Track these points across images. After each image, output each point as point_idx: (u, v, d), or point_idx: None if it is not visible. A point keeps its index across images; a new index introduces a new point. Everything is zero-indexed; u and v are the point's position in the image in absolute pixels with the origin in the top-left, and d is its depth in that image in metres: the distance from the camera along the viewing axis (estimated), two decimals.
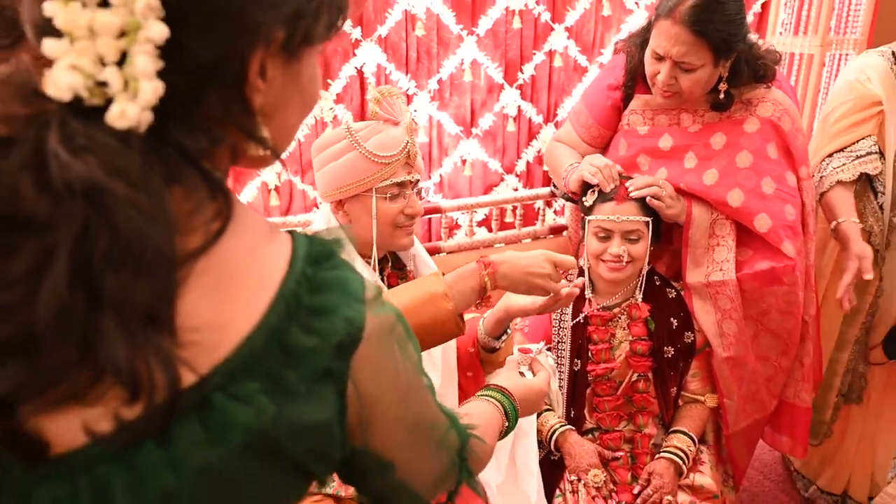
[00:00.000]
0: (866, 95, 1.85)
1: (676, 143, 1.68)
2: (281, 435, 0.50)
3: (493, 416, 0.95)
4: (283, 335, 0.50)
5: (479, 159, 2.49)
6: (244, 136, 0.53)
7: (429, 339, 1.15)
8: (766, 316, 1.66)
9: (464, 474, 0.72)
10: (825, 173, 1.87)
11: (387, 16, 2.21)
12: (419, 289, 1.17)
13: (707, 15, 1.45)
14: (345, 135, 1.36)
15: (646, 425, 1.66)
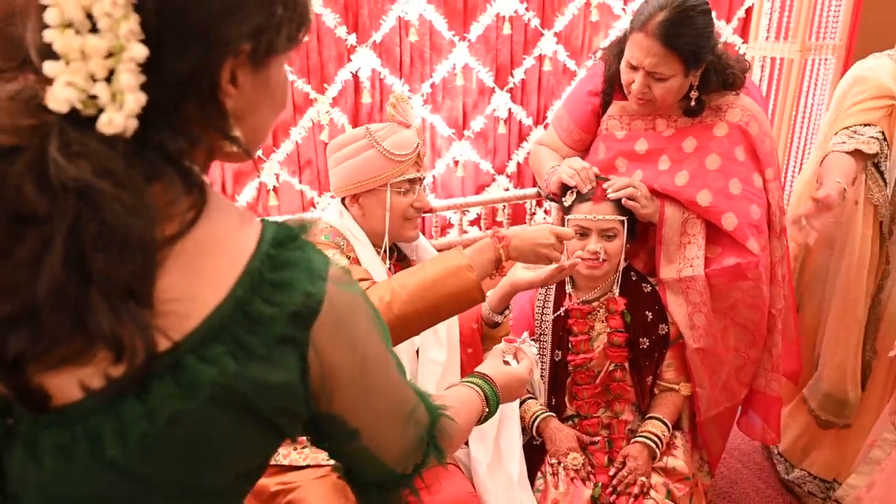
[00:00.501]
0: (882, 87, 1.94)
1: (651, 147, 1.79)
2: (247, 391, 0.58)
3: (471, 400, 1.00)
4: (247, 305, 0.58)
5: (471, 160, 2.60)
6: (219, 136, 0.61)
7: (454, 307, 1.30)
8: (733, 309, 1.77)
9: (432, 449, 0.77)
10: (828, 148, 1.94)
11: (381, 22, 2.32)
12: (444, 263, 1.30)
13: (677, 29, 1.56)
14: (364, 135, 1.54)
15: (622, 412, 1.77)
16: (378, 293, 1.28)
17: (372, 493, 0.76)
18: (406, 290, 1.27)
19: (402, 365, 0.75)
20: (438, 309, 1.28)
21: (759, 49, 2.75)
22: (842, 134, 1.95)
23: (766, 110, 1.82)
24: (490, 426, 1.62)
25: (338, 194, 1.63)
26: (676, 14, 1.56)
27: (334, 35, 2.27)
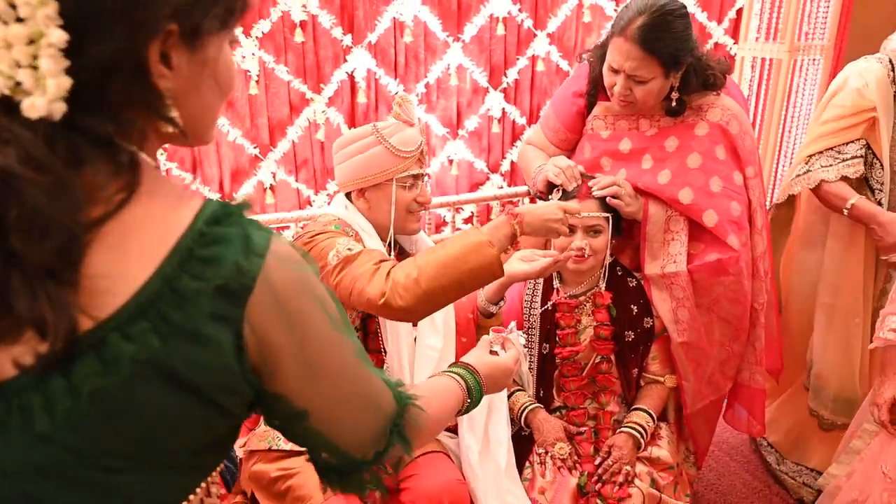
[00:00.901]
0: (860, 105, 2.02)
1: (635, 146, 1.85)
2: (177, 367, 0.59)
3: (449, 390, 0.99)
4: (174, 281, 0.58)
5: (466, 159, 2.66)
6: (156, 118, 0.62)
7: (476, 281, 1.39)
8: (716, 304, 1.83)
9: (396, 438, 0.76)
10: (812, 168, 2.05)
11: (376, 23, 2.38)
12: (465, 240, 1.40)
13: (655, 34, 1.62)
14: (371, 132, 1.62)
15: (608, 403, 1.83)
16: (405, 270, 1.37)
17: (332, 476, 0.76)
18: (431, 267, 1.36)
19: (363, 352, 0.74)
20: (462, 283, 1.37)
21: (750, 49, 2.80)
22: (826, 156, 2.04)
23: (746, 110, 1.88)
24: (480, 416, 1.68)
25: (344, 189, 1.70)
26: (655, 18, 1.61)
27: (330, 36, 2.33)
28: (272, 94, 2.33)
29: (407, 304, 1.35)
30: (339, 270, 1.46)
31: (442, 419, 0.96)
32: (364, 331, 1.67)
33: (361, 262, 1.46)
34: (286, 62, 2.31)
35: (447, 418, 0.98)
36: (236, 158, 2.34)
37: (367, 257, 1.47)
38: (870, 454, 1.70)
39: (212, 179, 2.32)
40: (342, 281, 1.45)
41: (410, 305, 1.36)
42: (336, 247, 1.50)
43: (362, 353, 0.74)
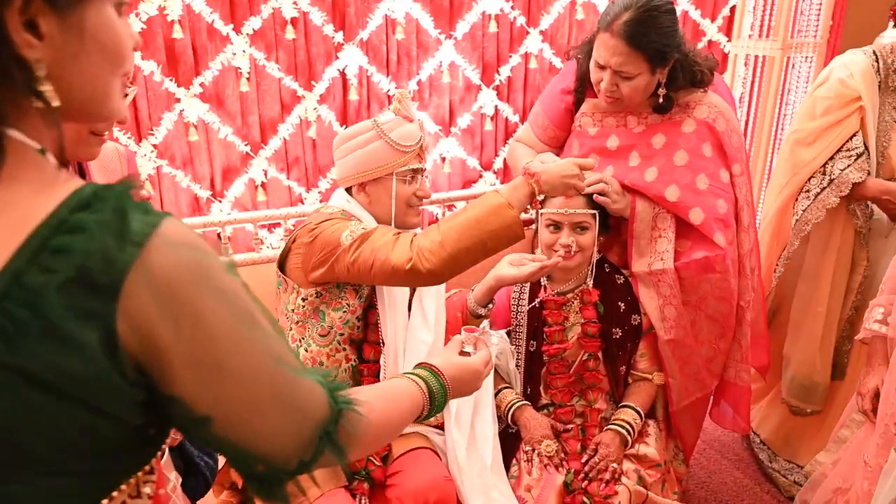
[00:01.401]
0: (845, 95, 2.06)
1: (622, 143, 1.84)
2: (32, 369, 0.53)
3: (406, 394, 0.93)
4: (22, 276, 0.53)
5: (458, 157, 2.66)
6: (24, 92, 0.56)
7: (499, 242, 1.43)
8: (703, 301, 1.82)
9: (326, 445, 0.70)
10: (834, 176, 2.08)
11: (368, 20, 2.38)
12: (483, 203, 1.45)
13: (641, 29, 1.62)
14: (372, 127, 1.64)
15: (596, 401, 1.82)
16: (429, 237, 1.43)
17: (254, 484, 0.69)
18: (454, 230, 1.42)
19: (287, 351, 0.68)
20: (485, 244, 1.42)
21: (743, 47, 2.79)
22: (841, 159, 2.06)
23: (734, 107, 1.87)
24: (466, 413, 1.68)
25: (344, 184, 1.71)
26: (641, 14, 1.61)
27: (321, 33, 2.33)
28: (263, 92, 2.33)
29: (433, 267, 1.40)
30: (357, 247, 1.48)
31: (391, 425, 0.88)
32: (364, 321, 1.68)
33: (380, 233, 1.49)
34: (277, 59, 2.31)
35: (399, 424, 0.92)
36: (227, 156, 2.34)
37: (385, 230, 1.52)
38: (855, 443, 1.71)
39: (203, 177, 2.32)
40: (360, 256, 1.47)
41: (437, 268, 1.40)
42: (349, 227, 1.53)
43: (284, 353, 0.67)
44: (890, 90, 2.09)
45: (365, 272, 1.48)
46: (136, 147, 2.19)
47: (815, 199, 2.13)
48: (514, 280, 1.69)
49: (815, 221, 2.16)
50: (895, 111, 2.08)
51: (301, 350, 1.67)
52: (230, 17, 2.22)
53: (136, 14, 2.09)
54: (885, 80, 2.09)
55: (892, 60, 2.08)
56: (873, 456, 1.52)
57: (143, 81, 2.16)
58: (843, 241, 2.21)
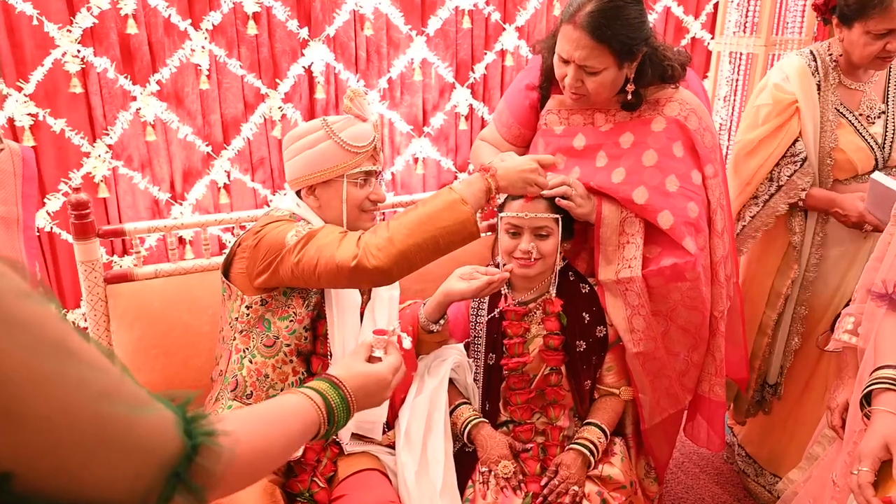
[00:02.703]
0: (782, 99, 1.93)
1: (589, 143, 1.67)
2: None
3: (293, 414, 0.83)
4: None
5: (432, 158, 2.51)
6: None
7: (452, 238, 1.32)
8: (673, 311, 1.65)
9: (177, 488, 0.58)
10: (782, 183, 1.94)
11: (335, 16, 2.23)
12: (436, 199, 1.34)
13: (605, 21, 1.46)
14: (321, 126, 1.49)
15: (558, 418, 1.65)
16: (378, 233, 1.32)
17: None
18: (404, 226, 1.31)
19: (117, 382, 0.56)
20: (437, 242, 1.31)
21: (727, 44, 2.64)
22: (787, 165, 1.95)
23: (708, 105, 1.70)
24: (417, 432, 1.52)
25: (294, 186, 1.57)
26: (605, 5, 1.45)
27: (286, 28, 2.19)
28: (225, 90, 2.19)
29: (381, 264, 1.29)
30: (302, 246, 1.36)
31: (272, 452, 0.76)
32: (313, 332, 1.55)
33: (327, 232, 1.37)
34: (239, 56, 2.17)
35: (284, 449, 0.80)
36: (188, 157, 2.20)
37: (332, 228, 1.40)
38: (826, 461, 1.57)
39: (162, 179, 2.18)
40: (304, 256, 1.35)
41: (384, 265, 1.29)
42: (295, 228, 1.40)
43: (114, 386, 0.55)
44: (831, 88, 1.93)
45: (310, 272, 1.35)
46: (90, 147, 2.06)
47: (765, 206, 1.99)
48: (462, 295, 1.54)
49: (764, 228, 2.03)
50: (839, 111, 1.93)
51: (245, 362, 1.53)
52: (188, 12, 2.07)
53: (87, 8, 1.95)
54: (824, 78, 1.93)
55: (829, 58, 1.94)
56: (841, 475, 1.38)
57: (96, 79, 2.02)
58: (775, 252, 2.09)
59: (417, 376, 1.62)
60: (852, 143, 1.91)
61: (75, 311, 2.15)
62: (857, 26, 1.79)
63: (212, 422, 0.64)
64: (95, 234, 1.81)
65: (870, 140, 1.92)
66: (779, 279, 2.08)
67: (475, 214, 1.35)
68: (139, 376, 1.85)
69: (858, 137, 1.92)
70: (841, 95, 1.94)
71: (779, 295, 2.07)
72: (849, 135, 1.92)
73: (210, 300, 1.80)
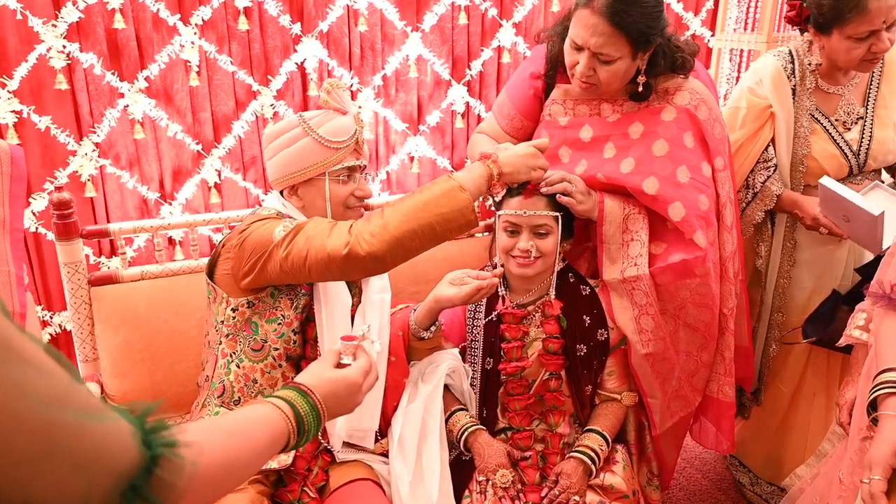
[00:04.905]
0: (756, 104, 1.81)
1: (596, 134, 1.55)
2: None
3: (260, 424, 0.78)
4: None
5: (427, 156, 2.40)
6: None
7: (449, 226, 1.23)
8: (682, 310, 1.53)
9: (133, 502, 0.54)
10: (757, 189, 1.83)
11: (328, 11, 2.12)
12: (435, 186, 1.26)
13: (625, 7, 1.35)
14: (298, 122, 1.39)
15: (558, 425, 1.53)
16: (372, 220, 1.23)
17: None
18: (400, 212, 1.22)
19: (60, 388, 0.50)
20: (433, 229, 1.22)
21: (727, 41, 2.53)
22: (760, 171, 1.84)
23: (716, 96, 1.61)
24: (412, 440, 1.41)
25: (276, 187, 1.46)
26: None
27: (278, 24, 2.07)
28: (215, 86, 2.08)
29: (374, 250, 1.20)
30: (290, 239, 1.25)
31: (239, 465, 0.70)
32: (302, 336, 1.45)
33: (315, 222, 1.29)
34: (230, 52, 2.06)
35: (251, 462, 0.73)
36: (177, 155, 2.08)
37: (321, 219, 1.31)
38: (834, 458, 1.47)
39: (151, 178, 2.07)
40: (293, 248, 1.24)
41: (378, 251, 1.20)
42: (282, 223, 1.29)
43: (63, 392, 0.49)
44: (807, 93, 1.78)
45: (300, 265, 1.24)
46: (77, 146, 1.95)
47: (743, 215, 1.86)
48: (452, 302, 1.43)
49: (745, 237, 1.89)
50: (814, 116, 1.79)
51: (233, 366, 1.43)
52: (177, 7, 1.96)
53: (73, 2, 1.84)
54: (800, 81, 1.78)
55: (808, 60, 1.78)
56: (848, 473, 1.29)
57: (82, 75, 1.91)
58: (748, 264, 1.96)
59: (410, 383, 1.50)
60: (825, 150, 1.78)
61: (61, 313, 2.04)
62: (835, 33, 1.65)
63: (173, 433, 0.59)
64: (79, 235, 1.70)
65: (844, 147, 1.79)
66: (753, 290, 1.95)
67: (474, 202, 1.25)
68: (124, 381, 1.75)
69: (832, 144, 1.79)
70: (817, 100, 1.80)
71: (755, 303, 1.94)
72: (822, 142, 1.79)
73: (198, 303, 1.69)
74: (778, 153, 1.82)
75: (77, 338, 1.75)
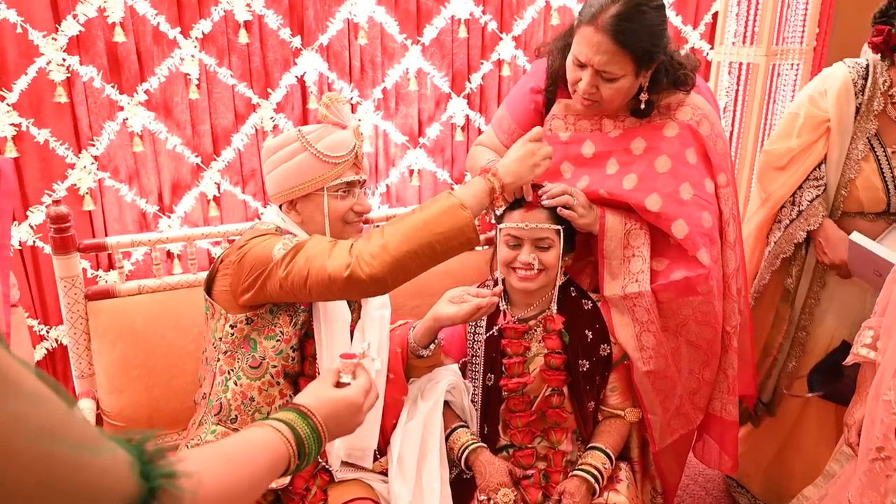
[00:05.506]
0: (815, 115, 1.73)
1: (598, 150, 1.53)
2: None
3: (262, 449, 0.76)
4: None
5: (428, 169, 2.38)
6: None
7: (449, 244, 1.19)
8: (684, 327, 1.50)
9: None
10: (803, 208, 1.76)
11: (328, 24, 2.11)
12: (435, 203, 1.22)
13: (630, 25, 1.32)
14: (296, 137, 1.36)
15: (560, 442, 1.49)
16: (372, 240, 1.20)
17: None
18: (400, 232, 1.19)
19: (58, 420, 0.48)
20: (433, 248, 1.18)
21: (726, 54, 2.52)
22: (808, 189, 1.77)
23: (717, 111, 1.58)
24: (411, 459, 1.37)
25: (275, 201, 1.43)
26: (630, 8, 1.32)
27: (278, 37, 2.06)
28: (215, 99, 2.06)
29: (374, 273, 1.16)
30: (290, 259, 1.21)
31: (239, 492, 0.69)
32: (301, 353, 1.42)
33: (316, 241, 1.25)
34: (230, 65, 2.04)
35: (252, 487, 0.71)
36: (176, 168, 2.06)
37: (321, 238, 1.27)
38: (843, 478, 1.43)
39: (149, 191, 2.04)
40: (294, 268, 1.21)
41: (379, 273, 1.16)
42: (282, 241, 1.26)
43: (60, 424, 0.47)
44: (871, 115, 1.68)
45: (300, 285, 1.20)
46: (76, 158, 1.93)
47: (785, 232, 1.79)
48: (451, 320, 1.39)
49: (783, 256, 1.83)
50: (872, 142, 1.70)
51: (230, 384, 1.39)
52: (178, 20, 1.94)
53: (73, 16, 1.82)
54: (867, 102, 1.67)
55: (885, 80, 1.66)
56: (857, 495, 1.25)
57: (82, 88, 1.89)
58: (772, 295, 1.91)
59: (409, 400, 1.47)
60: (869, 180, 1.70)
61: (58, 327, 2.01)
62: None
63: (172, 462, 0.58)
64: (76, 249, 1.67)
65: (890, 182, 1.69)
66: (783, 305, 1.90)
67: (475, 220, 1.21)
68: (120, 398, 1.71)
69: (878, 177, 1.69)
70: (880, 125, 1.69)
71: (783, 319, 1.89)
72: (869, 171, 1.70)
73: (196, 318, 1.65)
74: (827, 171, 1.74)
75: (73, 353, 1.72)
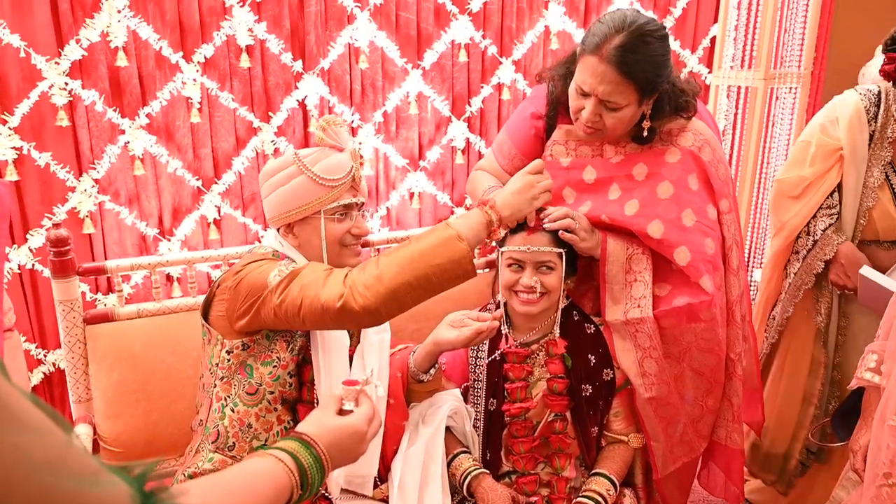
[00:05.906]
0: (826, 144, 1.72)
1: (600, 175, 1.52)
2: None
3: (265, 480, 0.74)
4: None
5: (428, 192, 2.38)
6: None
7: (446, 276, 1.17)
8: (687, 354, 1.48)
9: None
10: (817, 237, 1.75)
11: (329, 49, 2.11)
12: (431, 235, 1.20)
13: (634, 56, 1.32)
14: (293, 161, 1.35)
15: (563, 468, 1.46)
16: (367, 270, 1.18)
17: None
18: (395, 263, 1.17)
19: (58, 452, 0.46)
20: (429, 280, 1.17)
21: (724, 78, 2.53)
22: (822, 218, 1.76)
23: (718, 135, 1.58)
24: (412, 486, 1.33)
25: (273, 224, 1.42)
26: (634, 39, 1.31)
27: (279, 61, 2.06)
28: (216, 123, 2.05)
29: (368, 304, 1.14)
30: (285, 286, 1.20)
31: None
32: (299, 378, 1.39)
33: (311, 269, 1.23)
34: (231, 89, 2.04)
35: None
36: (177, 191, 2.05)
37: (317, 266, 1.25)
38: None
39: (150, 214, 2.03)
40: (287, 296, 1.19)
41: (372, 305, 1.14)
42: (278, 267, 1.24)
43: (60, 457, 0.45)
44: (886, 143, 1.66)
45: (293, 314, 1.19)
46: (76, 182, 1.92)
47: (804, 263, 1.78)
48: (451, 345, 1.37)
49: (806, 287, 1.81)
50: (886, 170, 1.68)
51: (227, 411, 1.36)
52: (180, 45, 1.95)
53: (76, 40, 1.83)
54: (881, 129, 1.66)
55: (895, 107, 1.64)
56: None
57: (83, 111, 1.89)
58: (804, 339, 1.88)
59: (410, 425, 1.44)
60: (884, 208, 1.70)
61: (55, 351, 1.98)
62: None
63: (173, 495, 0.55)
64: (75, 272, 1.65)
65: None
66: (817, 348, 1.87)
67: (472, 252, 1.19)
68: (117, 423, 1.68)
69: (892, 205, 1.69)
70: (894, 152, 1.69)
71: (819, 364, 1.86)
72: (885, 199, 1.69)
73: (195, 342, 1.63)
74: (843, 200, 1.72)
75: (71, 377, 1.69)
